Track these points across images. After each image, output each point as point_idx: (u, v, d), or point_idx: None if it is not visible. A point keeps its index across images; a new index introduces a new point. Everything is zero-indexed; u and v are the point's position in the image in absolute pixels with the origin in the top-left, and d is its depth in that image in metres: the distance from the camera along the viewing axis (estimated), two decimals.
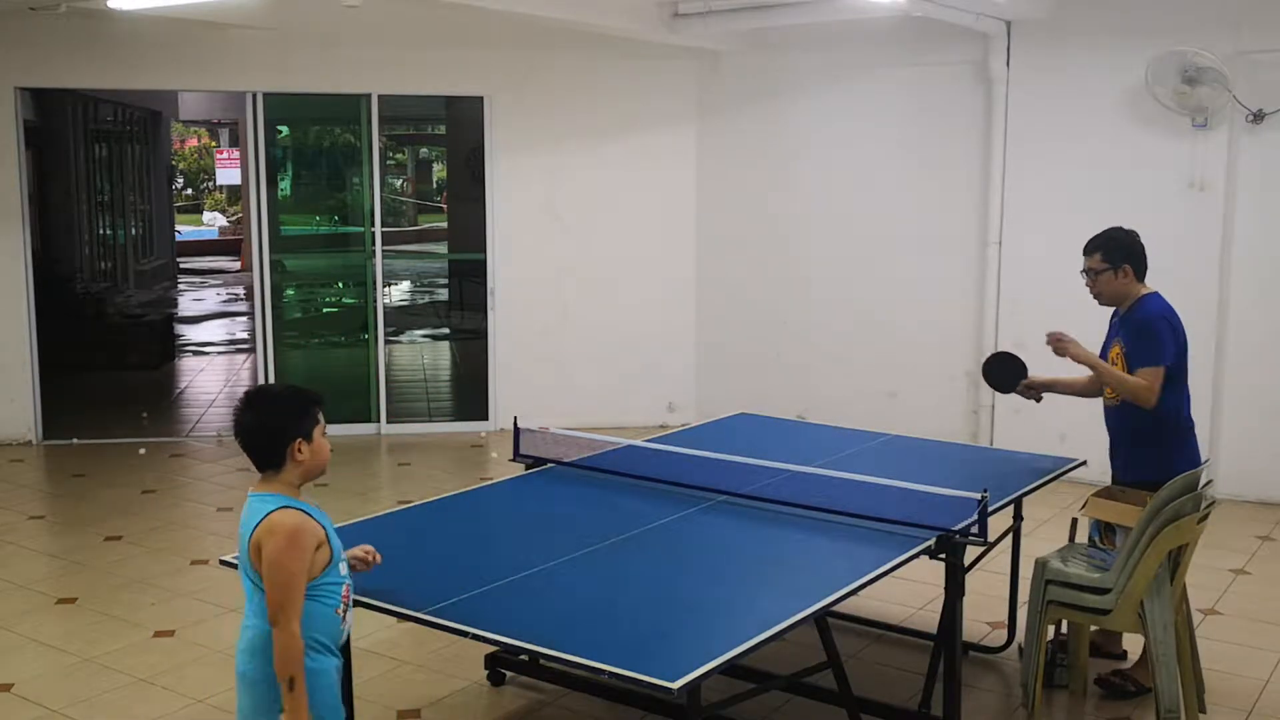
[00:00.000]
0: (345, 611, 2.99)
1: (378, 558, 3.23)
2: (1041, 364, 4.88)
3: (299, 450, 2.89)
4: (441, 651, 4.86)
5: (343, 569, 2.99)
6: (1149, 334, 4.38)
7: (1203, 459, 4.50)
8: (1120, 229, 4.56)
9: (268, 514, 2.84)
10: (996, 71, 7.65)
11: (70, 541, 6.48)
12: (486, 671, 4.62)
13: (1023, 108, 7.65)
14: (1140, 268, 4.50)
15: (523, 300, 9.14)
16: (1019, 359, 4.85)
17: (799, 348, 8.80)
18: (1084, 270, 4.55)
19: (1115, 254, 4.47)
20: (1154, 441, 4.43)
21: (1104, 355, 4.62)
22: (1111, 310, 4.64)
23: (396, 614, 3.21)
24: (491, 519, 4.32)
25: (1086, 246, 4.54)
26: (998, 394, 4.96)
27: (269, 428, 2.90)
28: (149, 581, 5.76)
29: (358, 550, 3.19)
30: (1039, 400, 4.88)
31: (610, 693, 4.22)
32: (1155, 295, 4.50)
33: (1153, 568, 3.99)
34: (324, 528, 2.92)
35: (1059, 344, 4.51)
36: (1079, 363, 4.49)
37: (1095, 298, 4.57)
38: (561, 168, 9.08)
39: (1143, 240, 4.54)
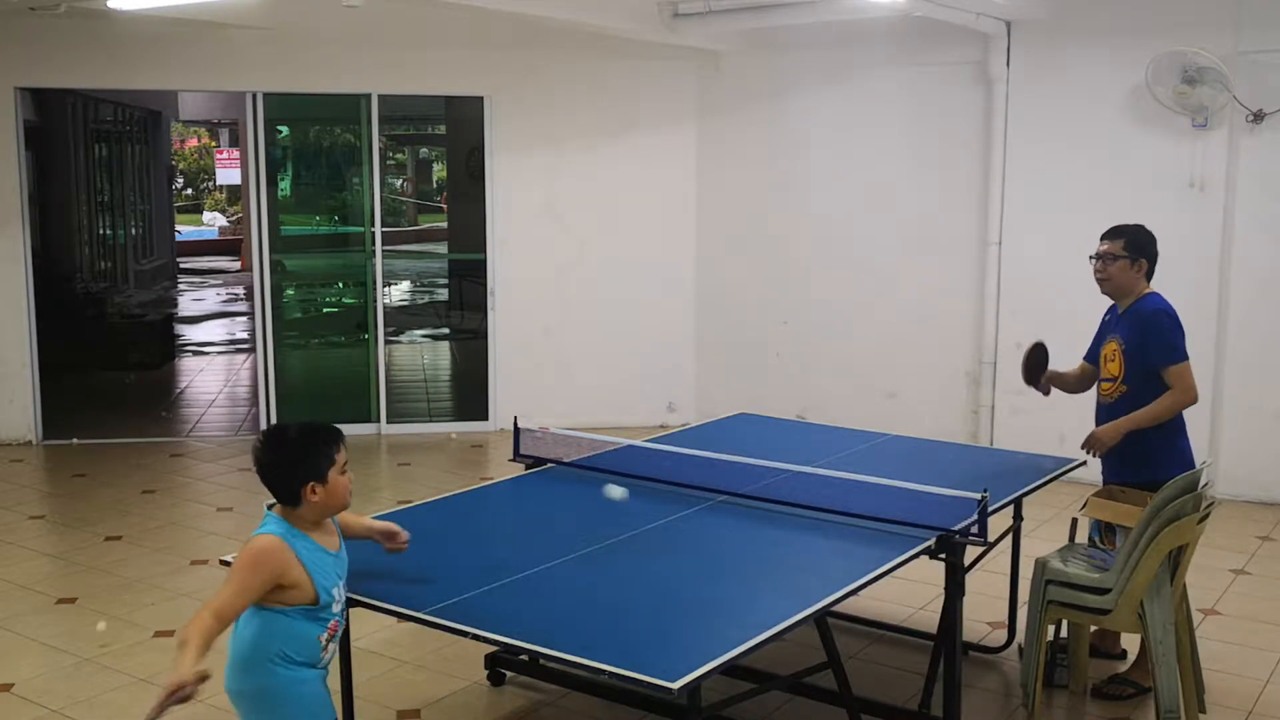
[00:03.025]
0: (328, 643, 3.04)
1: (401, 538, 3.34)
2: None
3: (312, 492, 2.96)
4: (441, 651, 4.86)
5: (335, 608, 3.04)
6: (1160, 330, 4.38)
7: (1203, 459, 4.50)
8: (1145, 228, 4.57)
9: (257, 534, 2.94)
10: (996, 71, 7.65)
11: (70, 542, 6.48)
12: (486, 671, 4.62)
13: (1023, 108, 7.65)
14: (1152, 268, 4.53)
15: (523, 300, 9.14)
16: (1045, 351, 4.83)
17: (799, 348, 8.80)
18: (1098, 255, 4.53)
19: (1137, 246, 4.49)
20: (1143, 441, 4.42)
21: (1096, 352, 4.64)
22: (1105, 307, 4.65)
23: (396, 614, 3.21)
24: (491, 519, 4.32)
25: (1109, 231, 4.55)
26: (1025, 385, 4.92)
27: (281, 470, 2.97)
28: (149, 581, 5.76)
29: (382, 525, 3.31)
30: (1047, 394, 4.89)
31: (610, 693, 4.22)
32: (1157, 294, 4.52)
33: (1153, 568, 3.99)
34: (306, 567, 2.94)
35: (1097, 444, 4.46)
36: (1121, 435, 4.39)
37: (1100, 283, 4.56)
38: (561, 168, 9.08)
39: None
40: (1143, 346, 4.41)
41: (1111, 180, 7.30)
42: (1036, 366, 4.84)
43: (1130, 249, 4.48)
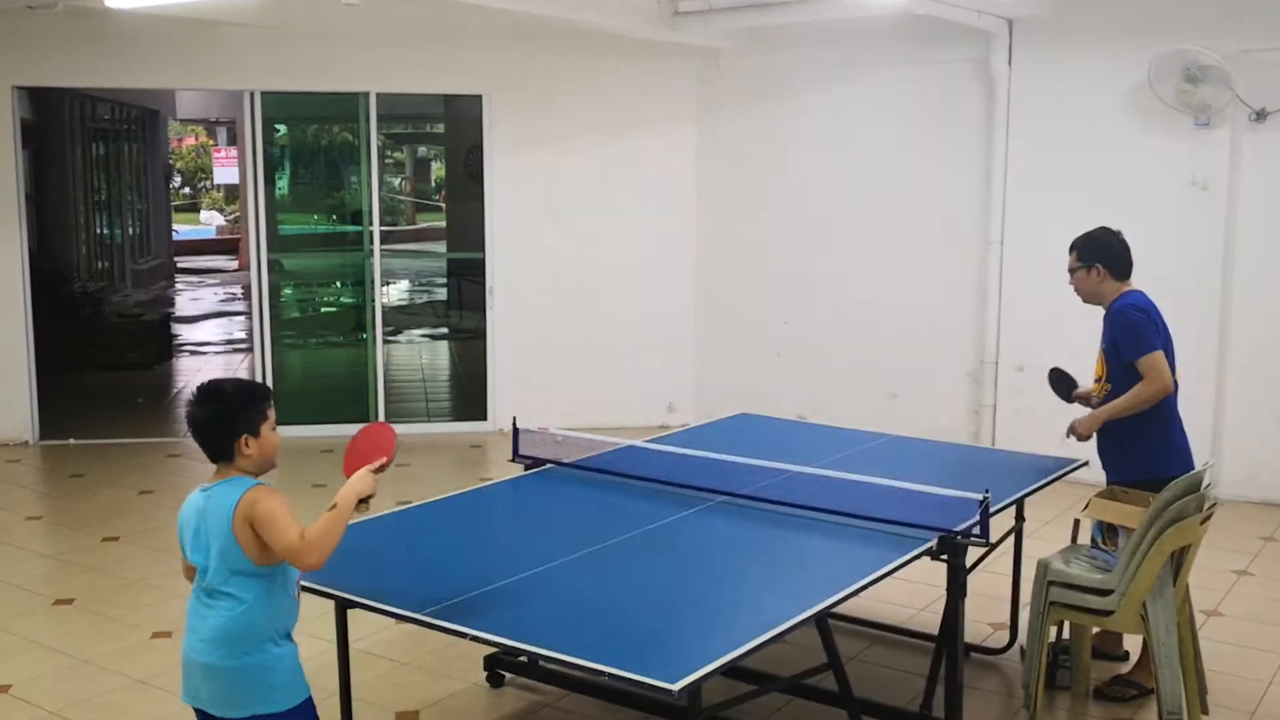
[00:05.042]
0: (299, 596, 3.06)
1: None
2: (1042, 367, 4.86)
3: (245, 445, 2.95)
4: (441, 652, 4.84)
5: None
6: (1126, 326, 4.39)
7: (1205, 460, 4.48)
8: (1101, 229, 4.58)
9: (245, 491, 2.90)
10: (998, 70, 7.63)
11: (68, 542, 6.46)
12: (486, 673, 4.61)
13: (1024, 106, 7.63)
14: (1116, 267, 4.50)
15: (522, 300, 9.11)
16: (1068, 375, 4.84)
17: (799, 347, 8.78)
18: (1068, 269, 4.59)
19: (1088, 253, 4.50)
20: (1141, 438, 4.41)
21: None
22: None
23: (396, 615, 3.19)
24: (491, 519, 4.31)
25: (1070, 245, 4.58)
26: (1051, 393, 4.96)
27: (215, 423, 2.96)
28: (147, 582, 5.74)
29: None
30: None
31: (610, 694, 4.20)
32: (1131, 291, 4.50)
33: (1155, 569, 3.97)
34: None
35: (1076, 434, 4.52)
36: (1098, 425, 4.44)
37: (1078, 296, 4.61)
38: (561, 167, 9.06)
39: (1131, 239, 4.54)
40: (1114, 344, 4.43)
41: (1113, 179, 7.28)
42: (1064, 388, 4.84)
43: (1083, 258, 4.51)
